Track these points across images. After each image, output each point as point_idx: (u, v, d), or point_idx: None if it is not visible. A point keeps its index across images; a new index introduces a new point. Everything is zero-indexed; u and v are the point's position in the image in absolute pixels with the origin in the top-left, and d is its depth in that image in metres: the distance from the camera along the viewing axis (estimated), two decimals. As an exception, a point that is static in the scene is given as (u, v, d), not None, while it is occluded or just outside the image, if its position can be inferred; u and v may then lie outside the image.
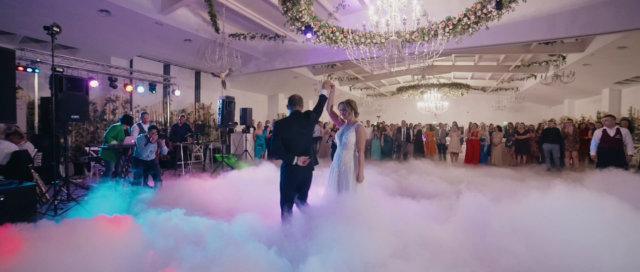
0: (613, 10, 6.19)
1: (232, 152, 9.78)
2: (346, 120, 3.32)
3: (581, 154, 8.13)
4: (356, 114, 3.31)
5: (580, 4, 6.51)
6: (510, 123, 10.35)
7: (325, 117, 13.26)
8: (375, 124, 12.48)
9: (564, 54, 9.73)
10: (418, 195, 4.63)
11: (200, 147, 9.63)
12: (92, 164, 6.82)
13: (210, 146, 9.79)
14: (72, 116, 4.32)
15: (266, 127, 9.82)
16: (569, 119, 9.23)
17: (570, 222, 2.46)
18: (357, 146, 3.17)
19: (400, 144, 10.95)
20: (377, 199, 3.42)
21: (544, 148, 8.19)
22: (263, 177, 5.33)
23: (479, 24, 6.06)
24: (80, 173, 7.75)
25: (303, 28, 6.27)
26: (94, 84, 7.51)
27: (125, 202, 4.03)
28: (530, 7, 6.27)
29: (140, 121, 6.49)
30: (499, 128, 9.98)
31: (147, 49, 8.99)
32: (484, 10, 5.73)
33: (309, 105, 17.61)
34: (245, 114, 8.82)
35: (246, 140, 9.16)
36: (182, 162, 8.07)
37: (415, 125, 11.60)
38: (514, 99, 14.54)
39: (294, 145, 3.11)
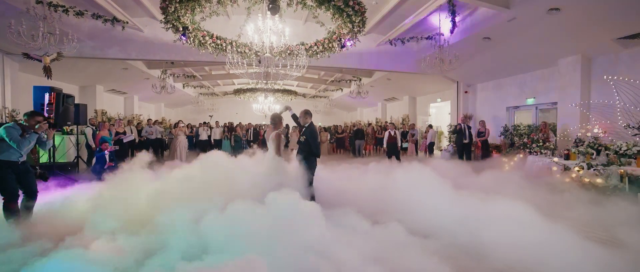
0: (386, 57, 10.33)
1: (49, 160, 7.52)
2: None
3: (374, 147, 12.17)
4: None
5: (375, 50, 10.26)
6: (334, 125, 13.62)
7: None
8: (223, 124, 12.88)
9: (361, 77, 13.98)
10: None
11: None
12: None
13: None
14: None
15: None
16: (369, 123, 13.39)
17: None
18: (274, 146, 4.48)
19: (249, 142, 11.99)
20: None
21: (355, 143, 11.63)
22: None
23: (324, 52, 8.23)
24: None
25: (180, 29, 6.18)
26: None
27: None
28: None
29: None
30: (325, 129, 12.99)
31: None
32: (329, 45, 7.87)
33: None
34: (79, 110, 7.20)
35: (78, 144, 7.39)
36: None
37: (263, 125, 12.98)
38: (328, 105, 18.79)
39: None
